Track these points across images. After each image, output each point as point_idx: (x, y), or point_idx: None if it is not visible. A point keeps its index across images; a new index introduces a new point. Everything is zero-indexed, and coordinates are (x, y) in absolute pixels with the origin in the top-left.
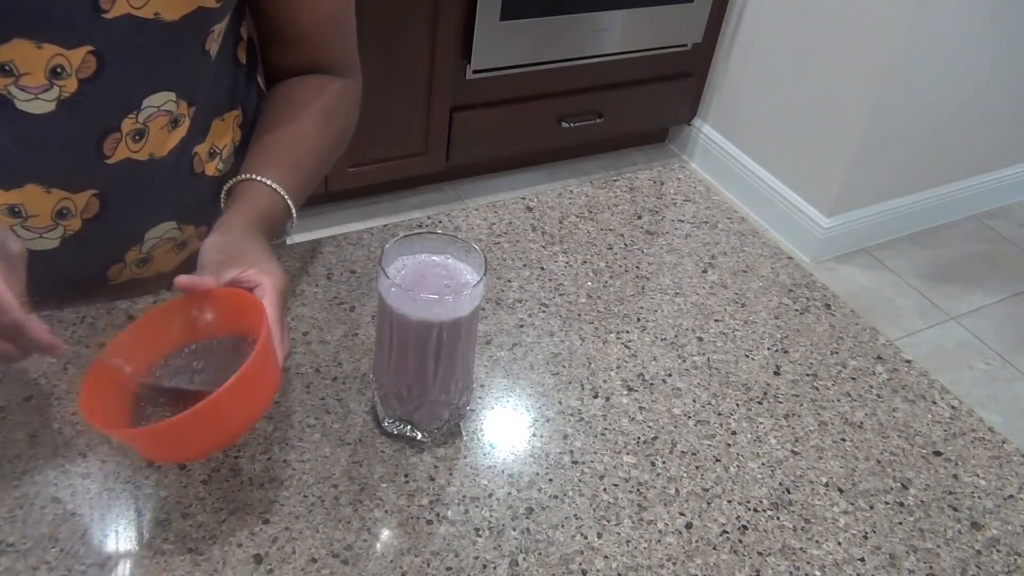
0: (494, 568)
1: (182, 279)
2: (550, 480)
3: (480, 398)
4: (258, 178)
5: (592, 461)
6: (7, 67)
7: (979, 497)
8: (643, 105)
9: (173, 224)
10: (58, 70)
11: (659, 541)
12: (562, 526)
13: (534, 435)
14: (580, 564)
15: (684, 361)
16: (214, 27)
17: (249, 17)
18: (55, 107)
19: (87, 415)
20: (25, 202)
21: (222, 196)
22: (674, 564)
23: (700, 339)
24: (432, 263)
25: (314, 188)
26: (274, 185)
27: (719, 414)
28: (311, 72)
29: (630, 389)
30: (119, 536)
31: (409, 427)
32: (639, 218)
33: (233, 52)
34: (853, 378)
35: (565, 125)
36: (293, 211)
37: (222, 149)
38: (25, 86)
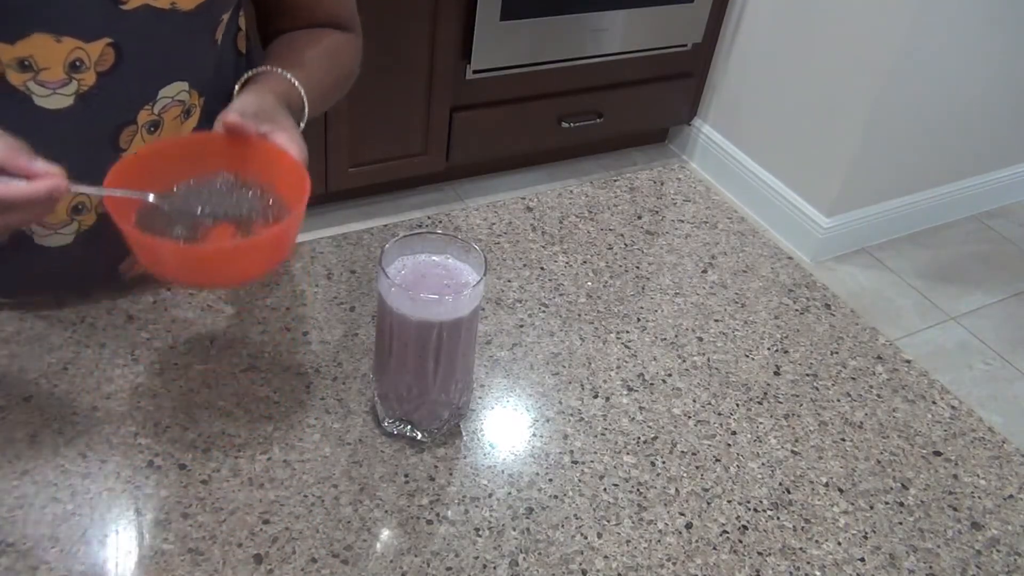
0: (494, 568)
1: (231, 117)
2: (550, 480)
3: (480, 398)
4: (275, 69)
5: (592, 461)
6: (27, 62)
7: (979, 497)
8: (643, 105)
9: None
10: (77, 63)
11: (659, 541)
12: (562, 526)
13: (534, 435)
14: (580, 564)
15: (684, 361)
16: (224, 15)
17: (247, 3)
18: (73, 101)
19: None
20: None
21: (235, 89)
22: (674, 564)
23: (700, 339)
24: (432, 263)
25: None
26: (291, 77)
27: (719, 414)
28: None
29: (630, 389)
30: (119, 536)
31: (409, 427)
32: (639, 218)
33: (234, 42)
34: (853, 378)
35: (565, 125)
36: (306, 107)
37: None
38: (44, 81)
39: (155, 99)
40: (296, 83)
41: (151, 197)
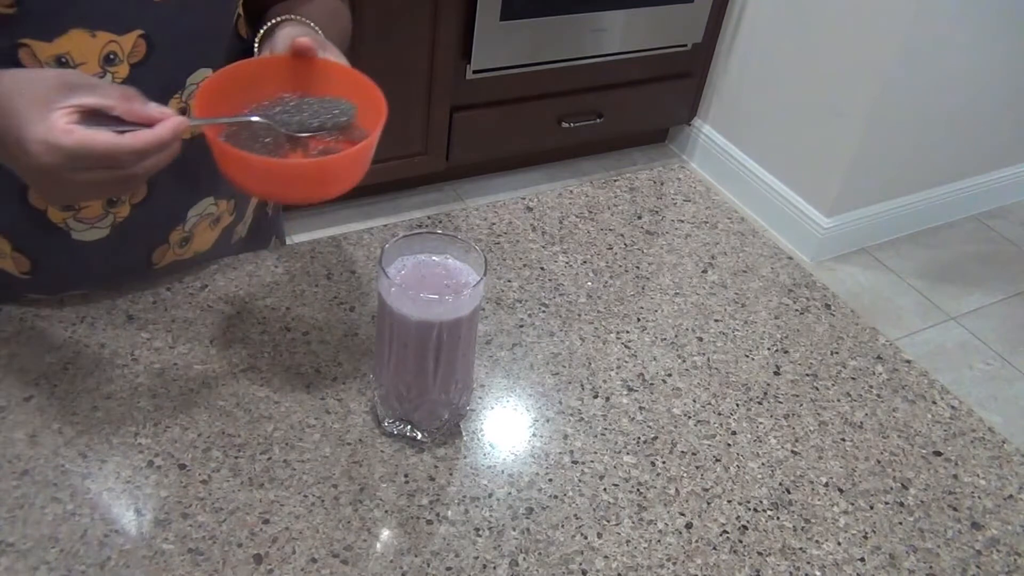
0: (494, 568)
1: (304, 39)
2: (550, 480)
3: (480, 398)
4: (294, 16)
5: (592, 461)
6: (64, 59)
7: (979, 497)
8: (643, 105)
9: (211, 200)
10: (111, 56)
11: (659, 541)
12: (562, 526)
13: (534, 435)
14: (580, 564)
15: (684, 361)
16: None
17: None
18: None
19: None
20: None
21: (256, 41)
22: (674, 564)
23: (700, 339)
24: (432, 263)
25: None
26: (313, 24)
27: (719, 414)
28: None
29: (630, 389)
30: (119, 536)
31: (409, 427)
32: (639, 218)
33: (236, 26)
34: (853, 378)
35: (565, 125)
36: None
37: None
38: None
39: (184, 87)
40: (317, 29)
41: (255, 118)
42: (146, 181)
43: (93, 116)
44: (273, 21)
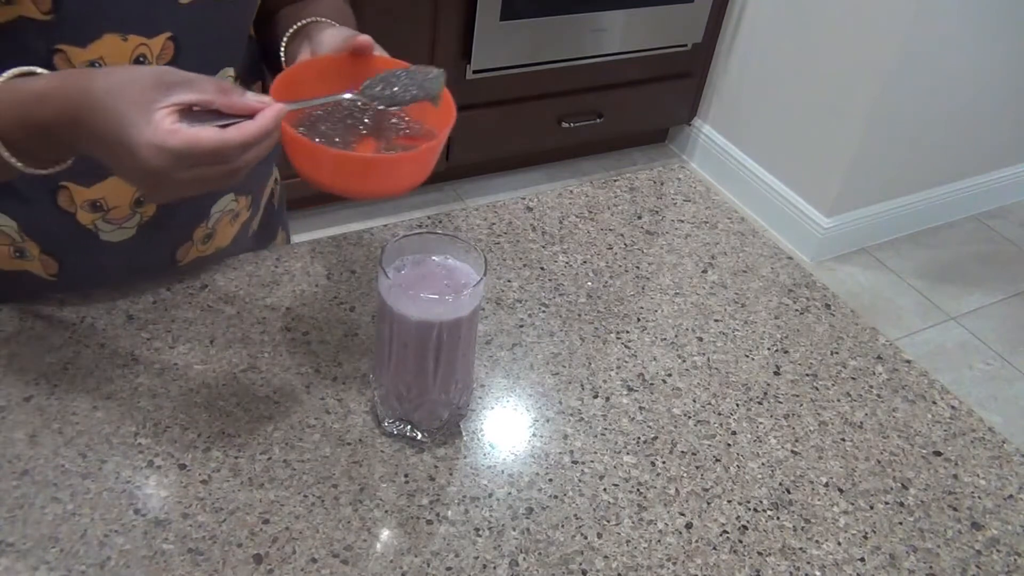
0: (494, 568)
1: (365, 39)
2: (550, 480)
3: (480, 398)
4: (319, 19)
5: (592, 461)
6: (97, 64)
7: (979, 497)
8: (643, 105)
9: (232, 196)
10: (140, 59)
11: (659, 541)
12: (562, 526)
13: (534, 435)
14: (580, 564)
15: (684, 361)
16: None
17: None
18: None
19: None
20: (107, 196)
21: (283, 45)
22: (674, 564)
23: (700, 339)
24: (432, 263)
25: None
26: (338, 26)
27: (719, 414)
28: None
29: (630, 389)
30: (119, 536)
31: (409, 427)
32: (639, 218)
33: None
34: (853, 378)
35: (565, 125)
36: None
37: None
38: None
39: None
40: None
41: (347, 95)
42: (248, 171)
43: (192, 112)
44: (300, 24)
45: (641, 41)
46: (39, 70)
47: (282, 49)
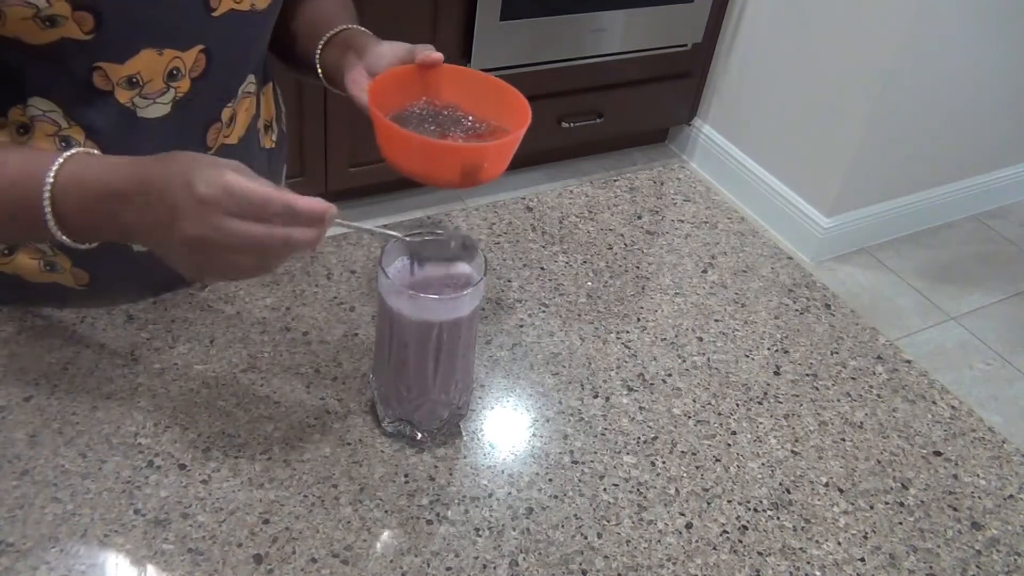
0: (494, 568)
1: (434, 53)
2: (550, 480)
3: (480, 398)
4: (352, 27)
5: (592, 461)
6: (135, 79)
7: (979, 497)
8: (643, 105)
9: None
10: (174, 72)
11: (659, 541)
12: (562, 526)
13: (534, 435)
14: (580, 564)
15: (684, 361)
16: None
17: None
18: (170, 109)
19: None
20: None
21: (318, 51)
22: (674, 564)
23: (700, 339)
24: (432, 263)
25: None
26: (367, 31)
27: (719, 414)
28: None
29: (630, 389)
30: (119, 536)
31: (409, 427)
32: (639, 218)
33: None
34: (853, 378)
35: (565, 125)
36: None
37: (271, 121)
38: (147, 93)
39: (236, 96)
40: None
41: (394, 233)
42: (285, 260)
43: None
44: (333, 32)
45: (641, 41)
46: (96, 152)
47: (317, 58)
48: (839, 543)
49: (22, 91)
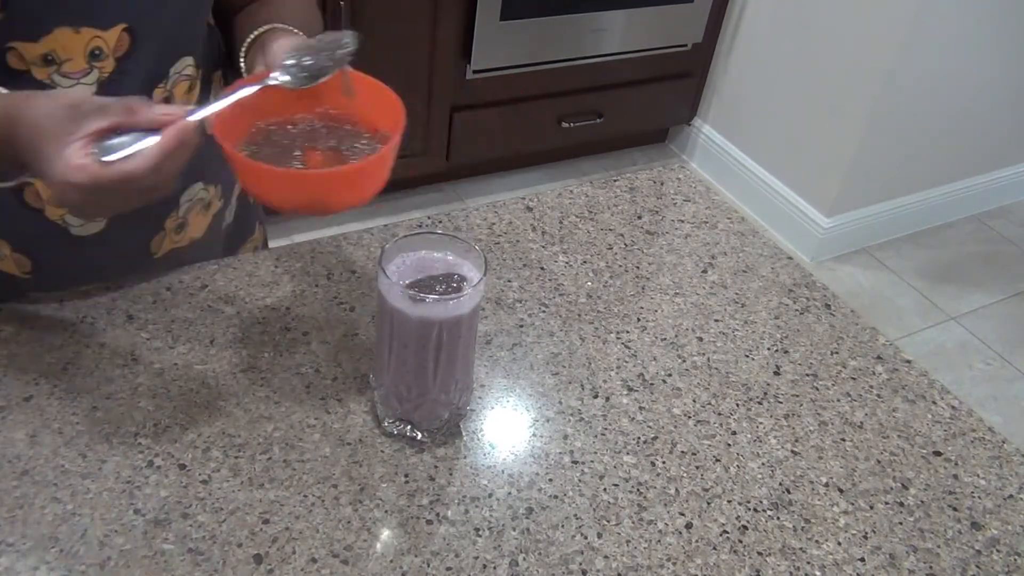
0: (494, 568)
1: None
2: (550, 480)
3: (480, 398)
4: (279, 25)
5: (592, 461)
6: (50, 56)
7: (979, 497)
8: (643, 105)
9: (201, 184)
10: (96, 52)
11: (659, 541)
12: (562, 526)
13: (534, 435)
14: (580, 564)
15: (684, 361)
16: None
17: None
18: (95, 89)
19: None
20: None
21: (242, 52)
22: (674, 564)
23: (700, 339)
24: (432, 263)
25: None
26: (297, 31)
27: (719, 414)
28: None
29: (630, 389)
30: (119, 536)
31: (409, 427)
32: (639, 218)
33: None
34: (853, 378)
35: (565, 125)
36: None
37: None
38: (68, 72)
39: (167, 77)
40: (299, 33)
41: (276, 79)
42: (175, 180)
43: (109, 134)
44: (257, 32)
45: (641, 41)
46: None
47: (242, 58)
48: (839, 543)
49: None
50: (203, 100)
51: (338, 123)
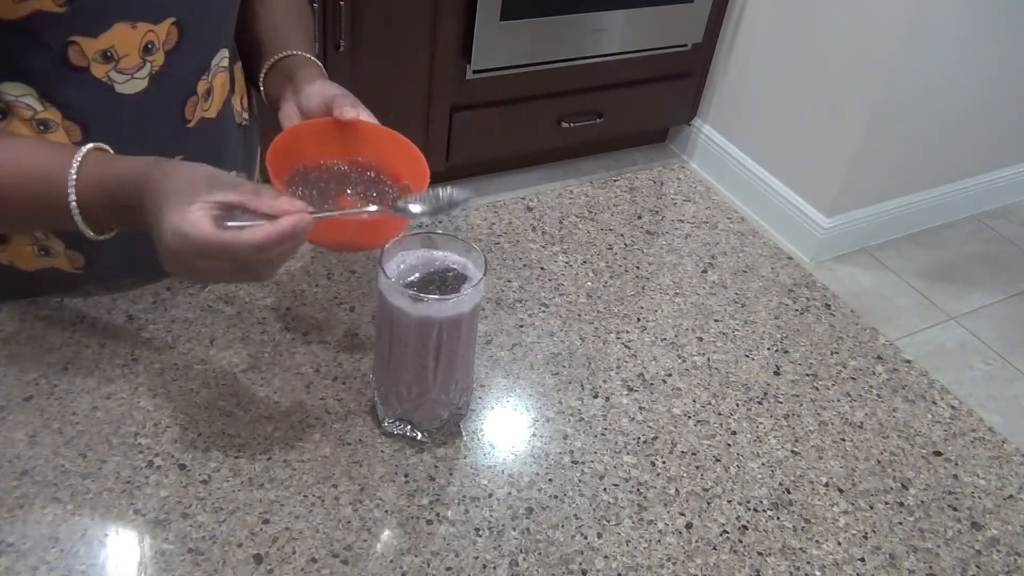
0: (494, 568)
1: (350, 113)
2: (550, 480)
3: (480, 398)
4: (297, 52)
5: (592, 461)
6: (109, 53)
7: (979, 497)
8: (643, 105)
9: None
10: (149, 46)
11: (659, 541)
12: (562, 526)
13: (534, 435)
14: (580, 564)
15: (684, 361)
16: None
17: None
18: (147, 83)
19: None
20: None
21: (263, 75)
22: (674, 564)
23: (700, 339)
24: (432, 263)
25: None
26: (313, 59)
27: (719, 414)
28: None
29: (630, 389)
30: (119, 536)
31: (409, 427)
32: (639, 218)
33: None
34: (853, 378)
35: (565, 125)
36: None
37: (244, 98)
38: (124, 68)
39: (209, 69)
40: (315, 60)
41: (372, 208)
42: (274, 270)
43: (233, 210)
44: (279, 56)
45: (641, 41)
46: (107, 148)
47: (261, 80)
48: (839, 543)
49: None
50: (231, 94)
51: (364, 169)
